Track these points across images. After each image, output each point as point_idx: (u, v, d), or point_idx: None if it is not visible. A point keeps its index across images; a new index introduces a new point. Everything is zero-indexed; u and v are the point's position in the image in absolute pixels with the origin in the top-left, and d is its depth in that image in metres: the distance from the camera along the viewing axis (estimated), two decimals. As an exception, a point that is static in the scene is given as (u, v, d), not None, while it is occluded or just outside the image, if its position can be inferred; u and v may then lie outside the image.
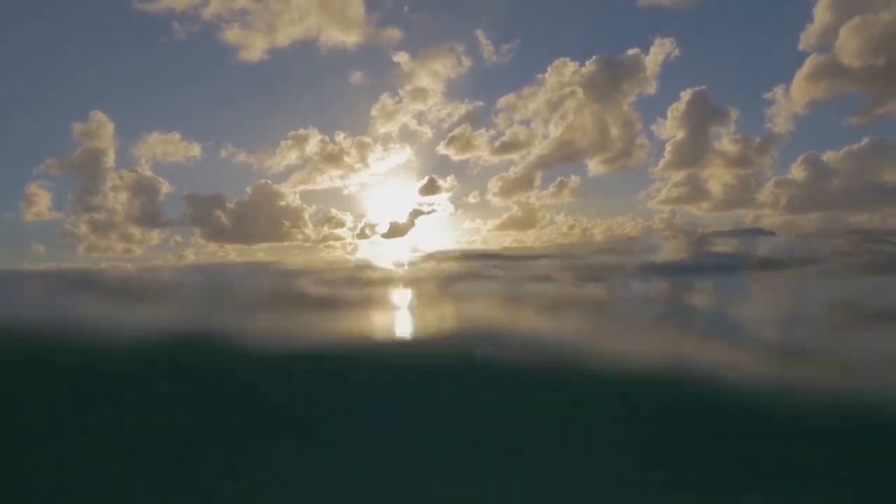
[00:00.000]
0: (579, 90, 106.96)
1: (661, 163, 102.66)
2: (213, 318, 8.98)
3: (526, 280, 14.21)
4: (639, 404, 4.77)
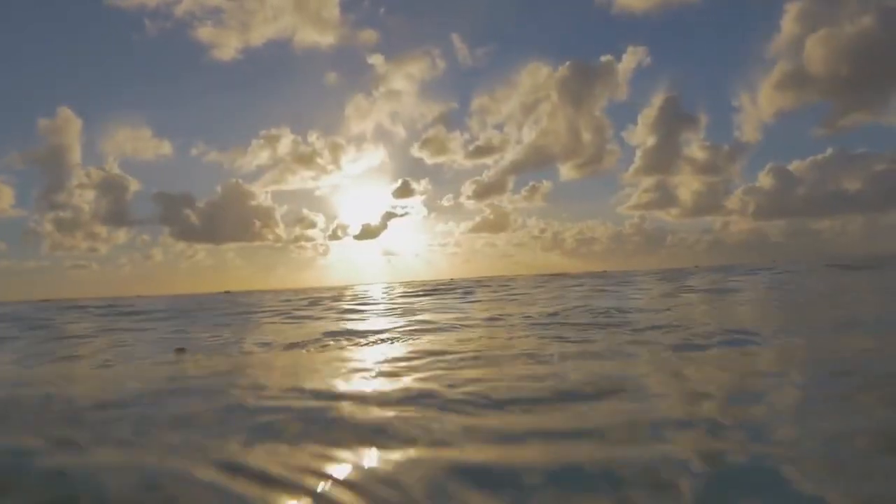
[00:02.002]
0: (552, 94, 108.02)
1: (632, 168, 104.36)
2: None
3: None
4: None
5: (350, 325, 8.85)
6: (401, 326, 7.70)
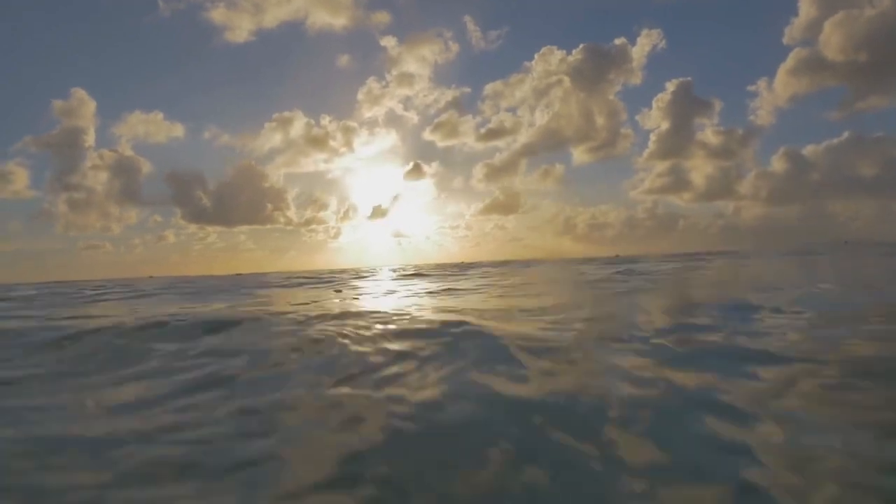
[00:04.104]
0: (566, 78, 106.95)
1: (645, 153, 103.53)
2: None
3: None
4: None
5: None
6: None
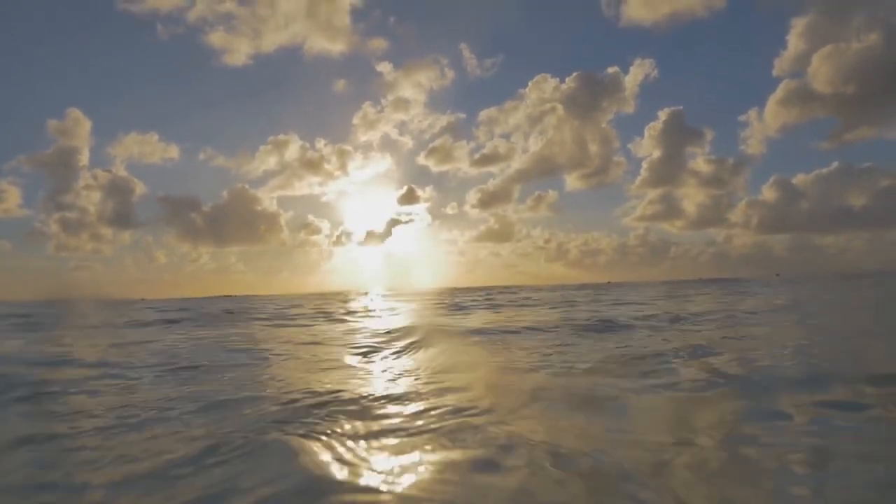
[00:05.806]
0: (559, 106, 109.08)
1: (637, 180, 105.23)
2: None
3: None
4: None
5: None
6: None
